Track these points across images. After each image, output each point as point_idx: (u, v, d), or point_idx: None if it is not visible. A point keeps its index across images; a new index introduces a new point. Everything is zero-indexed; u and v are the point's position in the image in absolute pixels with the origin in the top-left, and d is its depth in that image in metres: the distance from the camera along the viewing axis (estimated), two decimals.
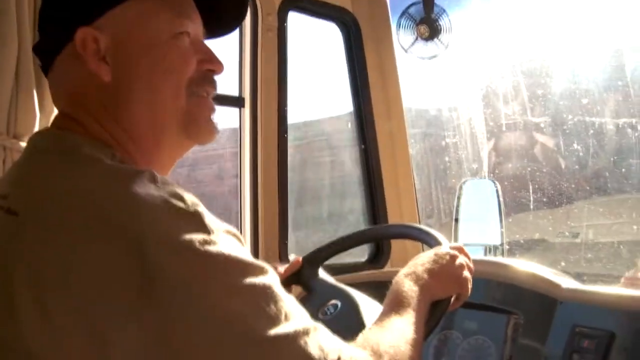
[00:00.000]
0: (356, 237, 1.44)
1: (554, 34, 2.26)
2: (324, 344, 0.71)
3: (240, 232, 1.91)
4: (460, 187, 2.28)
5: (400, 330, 0.88)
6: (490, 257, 2.01)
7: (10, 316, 0.64)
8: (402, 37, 2.09)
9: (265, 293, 0.68)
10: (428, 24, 2.03)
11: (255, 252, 1.89)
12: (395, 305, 0.95)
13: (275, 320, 0.67)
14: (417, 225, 1.46)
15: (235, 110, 1.98)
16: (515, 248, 2.29)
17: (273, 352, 0.66)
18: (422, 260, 1.06)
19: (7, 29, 1.27)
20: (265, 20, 1.93)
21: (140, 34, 0.82)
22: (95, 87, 0.81)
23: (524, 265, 1.52)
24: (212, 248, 0.66)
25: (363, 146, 2.29)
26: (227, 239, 0.70)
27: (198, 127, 0.86)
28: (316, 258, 1.39)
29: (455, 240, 2.20)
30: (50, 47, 0.84)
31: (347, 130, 2.38)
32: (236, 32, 1.96)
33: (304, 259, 1.39)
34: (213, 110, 0.89)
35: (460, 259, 1.09)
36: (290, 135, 2.03)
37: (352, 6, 2.18)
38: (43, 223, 0.67)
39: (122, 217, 0.65)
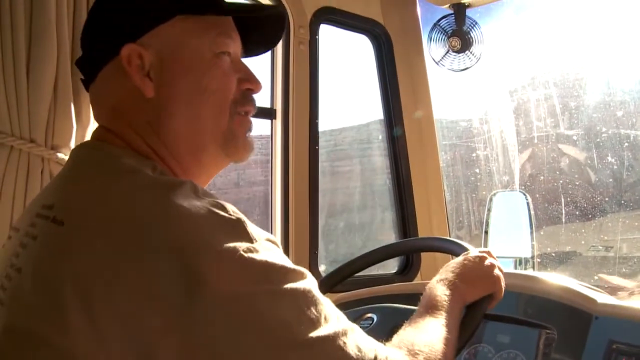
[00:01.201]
0: (374, 255, 1.44)
1: (588, 44, 2.24)
2: (361, 344, 0.73)
3: None
4: (491, 199, 2.26)
5: (434, 331, 0.90)
6: (522, 271, 1.99)
7: (59, 322, 0.66)
8: (434, 50, 2.09)
9: (306, 297, 0.70)
10: (460, 37, 2.03)
11: (286, 246, 1.91)
12: (429, 308, 0.96)
13: (315, 324, 0.69)
14: (439, 237, 1.46)
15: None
16: (546, 261, 2.26)
17: (314, 354, 0.68)
18: (453, 266, 1.08)
19: (48, 45, 1.31)
20: (297, 33, 1.96)
21: (184, 52, 0.84)
22: (138, 102, 0.83)
23: (558, 279, 1.50)
24: (255, 256, 0.68)
25: (394, 157, 2.30)
26: (269, 247, 0.72)
27: (236, 145, 0.88)
28: (329, 282, 1.40)
29: None
30: (94, 61, 0.87)
31: (378, 142, 2.39)
32: None
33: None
34: (250, 129, 0.91)
35: (489, 260, 1.11)
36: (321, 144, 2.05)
37: (384, 18, 2.20)
38: (89, 233, 0.69)
39: (165, 228, 0.67)
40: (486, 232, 2.23)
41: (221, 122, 0.86)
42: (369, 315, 1.26)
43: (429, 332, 0.89)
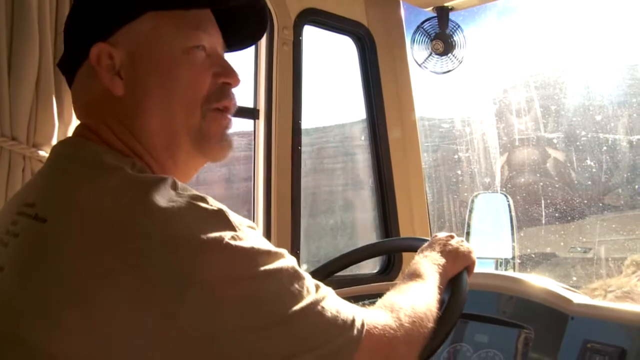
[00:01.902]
0: (355, 254, 1.45)
1: (568, 49, 2.27)
2: (339, 307, 0.77)
3: None
4: (472, 201, 2.28)
5: (416, 292, 0.95)
6: (501, 271, 2.01)
7: (46, 322, 0.66)
8: (417, 52, 2.11)
9: (290, 274, 0.73)
10: (442, 40, 2.05)
11: None
12: (413, 276, 1.02)
13: (298, 297, 0.73)
14: (399, 237, 1.49)
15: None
16: (526, 262, 2.29)
17: (300, 325, 0.72)
18: (429, 248, 1.14)
19: (30, 42, 1.30)
20: (281, 34, 1.96)
21: (154, 49, 0.83)
22: (109, 100, 0.83)
23: (536, 280, 1.52)
24: (241, 243, 0.70)
25: (376, 158, 2.31)
26: (251, 232, 0.74)
27: (210, 144, 0.87)
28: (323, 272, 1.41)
29: None
30: (71, 62, 0.87)
31: (360, 142, 2.40)
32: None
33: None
34: (228, 126, 0.89)
35: (456, 238, 1.18)
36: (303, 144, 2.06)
37: (367, 20, 2.21)
38: (73, 231, 0.69)
39: (148, 224, 0.68)
40: (467, 234, 2.25)
41: (193, 119, 0.84)
42: None
43: (411, 293, 0.94)
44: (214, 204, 0.72)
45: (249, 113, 1.99)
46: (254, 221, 1.96)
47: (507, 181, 2.41)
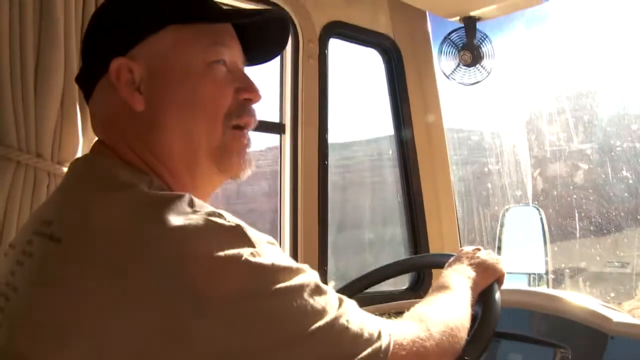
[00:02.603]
0: (380, 272, 1.43)
1: (601, 56, 2.21)
2: (364, 321, 0.74)
3: None
4: (504, 215, 2.23)
5: (445, 303, 0.93)
6: (535, 288, 1.95)
7: (56, 346, 0.65)
8: (444, 63, 2.08)
9: (312, 289, 0.71)
10: (470, 50, 2.01)
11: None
12: (441, 288, 1.00)
13: (322, 312, 0.71)
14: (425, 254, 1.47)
15: None
16: (560, 277, 2.22)
17: (323, 340, 0.70)
18: (457, 262, 1.13)
19: (55, 59, 1.31)
20: (306, 47, 1.95)
21: (174, 64, 0.81)
22: (128, 116, 0.81)
23: (572, 297, 1.46)
24: (260, 259, 0.68)
25: (404, 173, 2.28)
26: (270, 248, 0.72)
27: (230, 162, 0.85)
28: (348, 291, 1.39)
29: None
30: (89, 76, 0.85)
31: (388, 156, 2.37)
32: (277, 58, 1.98)
33: None
34: (248, 145, 0.87)
35: (483, 251, 1.16)
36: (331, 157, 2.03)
37: (394, 32, 2.19)
38: (87, 252, 0.68)
39: (164, 243, 0.66)
40: (499, 248, 2.19)
41: (214, 135, 0.83)
42: None
43: (439, 304, 0.92)
44: (231, 220, 0.70)
45: (275, 128, 1.98)
46: (280, 237, 1.94)
47: (539, 194, 2.35)
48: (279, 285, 0.68)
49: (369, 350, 0.72)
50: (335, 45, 2.10)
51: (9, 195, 1.27)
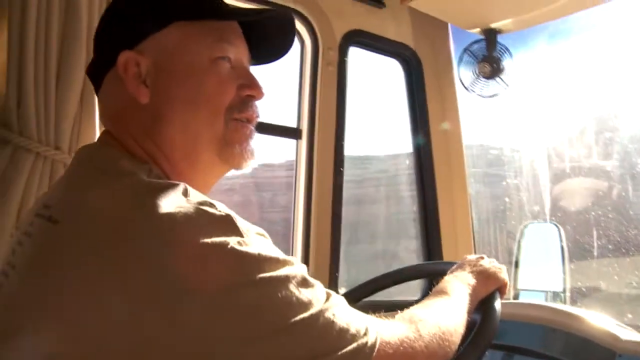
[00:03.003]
0: (382, 280, 1.42)
1: (625, 72, 2.18)
2: (351, 317, 0.74)
3: None
4: (522, 231, 2.20)
5: (440, 307, 0.92)
6: (546, 303, 1.92)
7: (44, 320, 0.67)
8: (463, 75, 2.07)
9: (298, 281, 0.72)
10: (490, 63, 2.00)
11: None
12: (439, 292, 0.99)
13: (308, 305, 0.71)
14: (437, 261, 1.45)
15: None
16: (576, 296, 2.18)
17: (307, 333, 0.70)
18: (459, 269, 1.11)
19: (77, 55, 1.35)
20: (325, 55, 1.97)
21: (180, 59, 0.84)
22: (133, 108, 0.84)
23: (581, 313, 1.44)
24: (247, 248, 0.69)
25: (421, 184, 2.27)
26: (259, 239, 0.73)
27: (232, 152, 0.87)
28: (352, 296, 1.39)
29: (515, 286, 2.13)
30: (99, 69, 0.89)
31: (405, 167, 2.36)
32: (297, 64, 2.01)
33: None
34: (250, 137, 0.89)
35: (486, 259, 1.16)
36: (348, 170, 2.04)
37: (414, 43, 2.19)
38: (81, 233, 0.70)
39: (150, 229, 0.67)
40: (516, 264, 2.17)
41: (216, 128, 0.85)
42: None
43: (434, 308, 0.91)
44: (222, 209, 0.71)
45: (292, 133, 1.99)
46: (292, 241, 1.95)
47: (556, 210, 2.32)
48: (263, 275, 0.69)
49: (354, 345, 0.72)
50: (357, 55, 2.12)
51: (26, 186, 1.31)
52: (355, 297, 1.40)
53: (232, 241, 0.68)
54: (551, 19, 1.94)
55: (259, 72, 0.94)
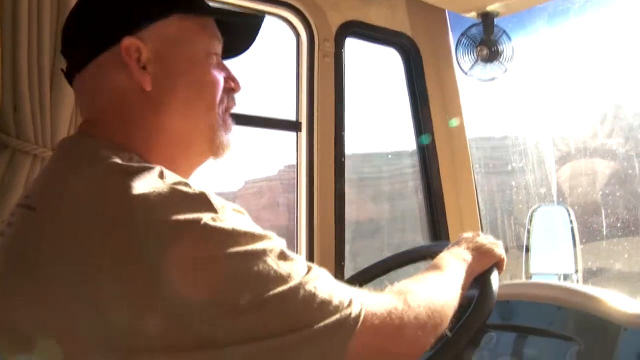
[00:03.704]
0: (382, 265, 1.41)
1: (626, 47, 2.15)
2: (335, 289, 0.74)
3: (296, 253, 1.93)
4: (531, 215, 2.18)
5: (432, 280, 0.92)
6: (556, 282, 1.91)
7: (25, 306, 0.69)
8: (462, 60, 2.06)
9: (275, 255, 0.72)
10: (488, 46, 1.99)
11: (311, 258, 1.91)
12: (432, 267, 0.99)
13: (286, 278, 0.70)
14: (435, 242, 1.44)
15: None
16: (588, 277, 2.16)
17: (287, 305, 0.69)
18: (454, 245, 1.11)
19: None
20: (322, 46, 1.97)
21: (180, 49, 0.87)
22: (135, 94, 0.84)
23: (585, 289, 1.43)
24: (220, 223, 0.69)
25: (424, 171, 2.26)
26: (234, 215, 0.73)
27: (222, 141, 0.90)
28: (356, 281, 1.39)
29: (527, 271, 2.11)
30: (85, 51, 0.86)
31: (408, 157, 2.36)
32: (293, 57, 2.02)
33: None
34: (231, 126, 0.94)
35: (482, 235, 1.15)
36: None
37: (411, 30, 2.18)
38: (56, 217, 0.71)
39: (123, 209, 0.68)
40: (527, 248, 2.15)
41: (211, 118, 0.89)
42: None
43: (426, 281, 0.91)
44: (196, 187, 0.72)
45: (291, 126, 2.00)
46: (296, 232, 1.96)
47: (563, 191, 2.29)
48: (238, 249, 0.69)
49: (336, 316, 0.71)
50: (355, 46, 2.12)
51: (25, 187, 1.33)
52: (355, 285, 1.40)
53: (206, 217, 0.68)
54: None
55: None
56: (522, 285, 1.61)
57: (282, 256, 0.73)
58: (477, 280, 1.08)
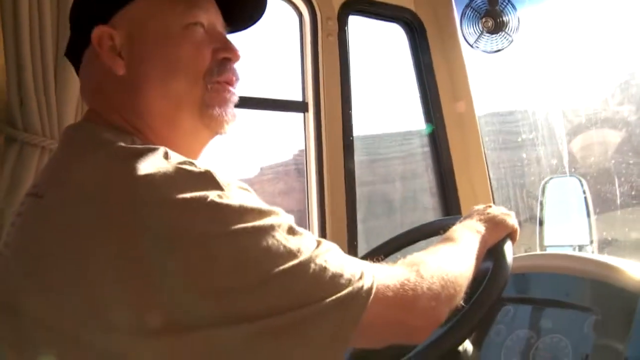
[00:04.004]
0: (410, 234, 1.40)
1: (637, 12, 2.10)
2: (346, 262, 0.73)
3: None
4: (543, 187, 2.16)
5: (445, 252, 0.90)
6: (571, 252, 1.90)
7: (37, 292, 0.69)
8: (467, 32, 2.03)
9: (283, 230, 0.71)
10: (492, 17, 1.96)
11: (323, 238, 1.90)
12: (445, 239, 0.98)
13: (296, 253, 0.70)
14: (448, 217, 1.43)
15: None
16: (603, 247, 2.14)
17: (297, 279, 0.69)
18: (467, 218, 1.10)
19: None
20: (325, 25, 1.95)
21: (152, 28, 0.85)
22: (112, 81, 0.85)
23: (601, 258, 1.42)
24: (227, 200, 0.69)
25: (434, 148, 2.25)
26: (241, 192, 0.73)
27: (213, 114, 0.87)
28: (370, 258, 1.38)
29: (541, 243, 2.10)
30: (76, 48, 0.90)
31: (416, 132, 2.34)
32: (297, 36, 2.00)
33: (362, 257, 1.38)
34: (231, 100, 0.89)
35: (494, 207, 1.14)
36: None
37: (415, 5, 2.16)
38: (62, 203, 0.72)
39: (128, 190, 0.68)
40: (541, 221, 2.13)
41: (195, 93, 0.86)
42: None
43: (438, 253, 0.89)
44: (201, 166, 0.72)
45: (298, 106, 1.99)
46: (308, 214, 1.96)
47: (575, 162, 2.27)
48: (246, 224, 0.68)
49: (349, 289, 0.70)
50: (360, 24, 2.09)
51: (35, 179, 1.34)
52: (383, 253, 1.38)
53: (212, 194, 0.68)
54: None
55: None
56: (537, 256, 1.59)
57: (291, 231, 0.72)
58: (491, 252, 1.06)
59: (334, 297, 0.69)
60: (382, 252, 1.38)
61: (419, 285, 0.78)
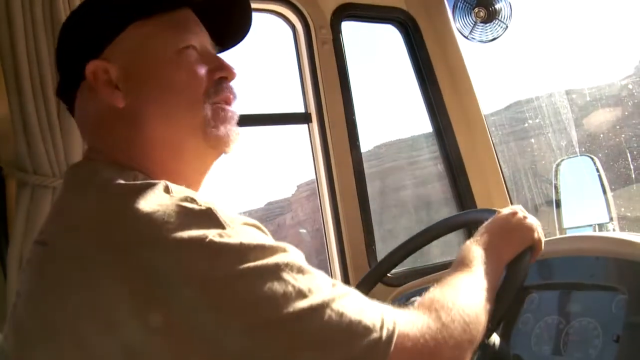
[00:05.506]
0: (416, 240, 1.39)
1: None
2: (364, 307, 0.69)
3: (327, 248, 1.93)
4: (556, 169, 2.14)
5: (462, 286, 0.85)
6: (584, 233, 1.87)
7: (43, 338, 0.69)
8: (461, 25, 2.03)
9: (290, 269, 0.67)
10: (485, 6, 1.96)
11: (342, 254, 1.90)
12: (460, 265, 0.92)
13: (306, 294, 0.66)
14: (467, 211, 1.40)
15: None
16: (624, 224, 2.12)
17: (309, 325, 0.65)
18: (485, 227, 1.04)
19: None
20: (319, 34, 1.95)
21: (146, 56, 0.84)
22: (111, 114, 0.83)
23: (623, 235, 1.40)
24: (227, 239, 0.66)
25: (442, 145, 2.23)
26: (244, 229, 0.69)
27: (218, 134, 0.85)
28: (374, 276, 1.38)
29: (560, 226, 2.08)
30: (68, 87, 0.88)
31: (422, 131, 2.33)
32: (293, 49, 2.00)
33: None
34: (233, 117, 0.88)
35: (520, 214, 1.07)
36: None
37: (406, 4, 2.15)
38: (64, 249, 0.70)
39: (128, 231, 0.66)
40: (557, 204, 2.12)
41: (197, 115, 0.84)
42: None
43: (455, 287, 0.84)
44: (202, 203, 0.69)
45: (302, 118, 1.99)
46: (323, 224, 1.95)
47: (585, 141, 2.25)
48: (247, 265, 0.65)
49: (367, 338, 0.66)
50: (353, 29, 2.10)
51: None
52: (387, 267, 1.39)
53: (211, 234, 0.66)
54: None
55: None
56: (557, 240, 1.58)
57: (300, 270, 0.68)
58: (507, 269, 1.01)
59: (350, 348, 0.65)
60: (403, 254, 1.38)
61: (440, 334, 0.73)
